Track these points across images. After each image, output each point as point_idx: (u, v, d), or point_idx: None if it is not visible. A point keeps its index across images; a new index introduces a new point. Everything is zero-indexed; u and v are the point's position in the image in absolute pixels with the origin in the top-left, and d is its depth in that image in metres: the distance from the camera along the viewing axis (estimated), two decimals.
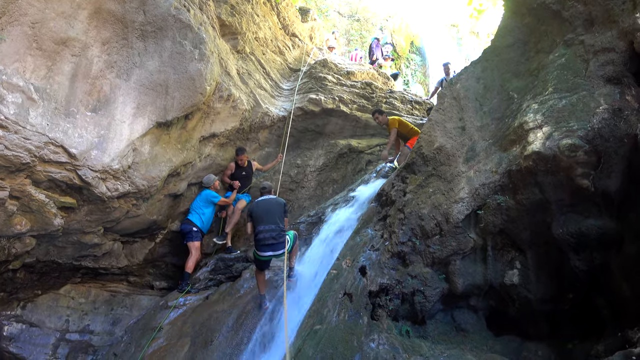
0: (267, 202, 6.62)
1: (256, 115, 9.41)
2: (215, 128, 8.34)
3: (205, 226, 8.39)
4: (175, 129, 7.29)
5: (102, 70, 6.20)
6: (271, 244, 6.23)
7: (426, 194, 5.74)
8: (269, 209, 6.49)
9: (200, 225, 8.22)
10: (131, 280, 8.87)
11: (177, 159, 7.36)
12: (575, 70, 5.01)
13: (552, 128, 4.68)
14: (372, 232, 6.25)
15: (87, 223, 6.85)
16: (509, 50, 6.18)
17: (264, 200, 6.65)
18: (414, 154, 6.30)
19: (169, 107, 6.83)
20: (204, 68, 7.06)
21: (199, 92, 7.08)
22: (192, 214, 8.31)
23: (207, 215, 8.42)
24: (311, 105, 10.31)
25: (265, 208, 6.51)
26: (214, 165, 8.99)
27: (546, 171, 4.65)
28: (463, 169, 5.61)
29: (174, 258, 8.97)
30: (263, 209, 6.50)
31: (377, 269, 5.52)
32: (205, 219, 8.37)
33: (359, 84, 11.58)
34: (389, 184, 6.75)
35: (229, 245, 8.52)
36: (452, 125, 6.07)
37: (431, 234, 5.45)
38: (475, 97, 6.12)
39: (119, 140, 6.30)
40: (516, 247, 5.21)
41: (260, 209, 6.50)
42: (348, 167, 10.46)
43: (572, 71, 5.02)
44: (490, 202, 5.20)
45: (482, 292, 5.38)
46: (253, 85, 9.60)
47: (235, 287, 7.14)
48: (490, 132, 5.71)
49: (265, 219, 6.37)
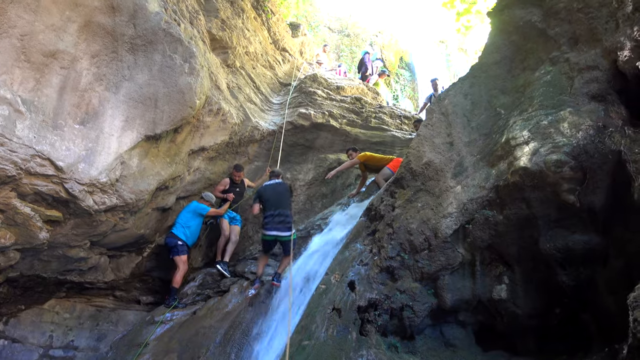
0: (277, 186, 7.11)
1: (246, 129, 9.42)
2: (205, 142, 8.33)
3: (190, 239, 8.22)
4: (164, 142, 7.27)
5: (91, 83, 6.19)
6: (278, 227, 6.71)
7: (415, 209, 5.77)
8: (279, 194, 6.99)
9: (185, 239, 8.05)
10: (117, 295, 8.76)
11: (166, 173, 7.33)
12: (561, 87, 5.10)
13: (539, 144, 4.74)
14: (361, 247, 6.25)
15: (73, 237, 6.78)
16: (496, 67, 6.27)
17: (274, 185, 7.13)
18: (402, 169, 6.34)
19: (158, 120, 6.82)
20: (193, 82, 7.08)
21: (189, 106, 7.09)
22: (176, 227, 8.15)
23: (193, 229, 8.24)
24: (301, 119, 10.36)
25: (275, 193, 7.00)
26: (202, 179, 8.97)
27: (533, 186, 4.71)
28: (451, 184, 5.65)
29: (161, 272, 8.89)
30: (273, 193, 6.99)
31: (366, 283, 5.51)
32: (191, 232, 8.19)
33: (348, 99, 11.67)
34: (378, 199, 6.77)
35: (218, 259, 8.46)
36: (441, 140, 6.13)
37: (420, 248, 5.47)
38: (463, 113, 6.18)
39: (107, 154, 6.26)
40: (504, 262, 5.24)
41: (269, 194, 6.99)
42: (337, 181, 10.48)
43: (558, 88, 5.11)
44: (478, 217, 5.24)
45: (471, 307, 5.39)
46: (243, 99, 9.64)
47: (224, 302, 7.09)
48: (478, 148, 5.77)
49: (275, 204, 6.86)
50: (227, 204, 8.77)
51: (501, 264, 5.27)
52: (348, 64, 18.90)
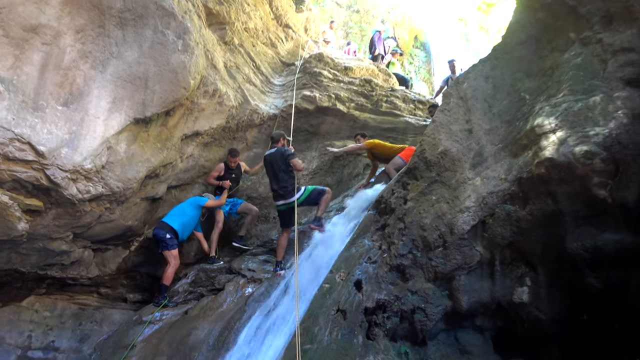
0: (272, 157, 7.66)
1: (244, 113, 9.41)
2: (199, 126, 8.32)
3: (184, 231, 8.17)
4: (155, 126, 7.26)
5: (75, 61, 6.17)
6: (282, 196, 7.42)
7: (429, 202, 5.75)
8: (273, 165, 7.57)
9: (178, 228, 7.98)
10: (102, 292, 8.81)
11: (156, 159, 7.33)
12: (592, 70, 5.05)
13: (567, 133, 4.71)
14: (369, 243, 6.25)
15: (55, 228, 6.80)
16: (521, 47, 6.21)
17: (270, 155, 7.71)
18: (416, 158, 6.33)
19: (149, 102, 6.80)
20: (187, 60, 7.05)
21: (182, 87, 7.07)
22: (169, 216, 8.13)
23: (188, 219, 8.20)
24: (305, 102, 10.33)
25: (270, 165, 7.63)
26: (196, 167, 8.98)
27: (560, 180, 4.68)
28: (469, 176, 5.63)
29: (150, 268, 8.93)
30: (268, 165, 7.68)
31: (374, 283, 5.51)
32: (186, 221, 8.16)
33: (357, 81, 11.62)
34: (388, 191, 6.76)
35: (212, 254, 8.48)
36: (458, 127, 6.10)
37: (434, 245, 5.46)
38: (483, 98, 6.14)
39: (92, 138, 6.26)
40: (526, 262, 5.23)
41: (267, 165, 7.74)
42: (344, 171, 10.47)
43: (589, 72, 5.06)
44: (498, 212, 5.22)
45: (489, 311, 5.39)
46: (241, 79, 9.61)
47: (218, 301, 7.11)
48: (500, 136, 5.73)
49: (272, 176, 7.62)
50: (225, 193, 8.78)
51: (523, 264, 5.25)
52: (357, 43, 18.80)
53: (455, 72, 13.35)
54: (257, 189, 10.14)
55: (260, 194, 10.11)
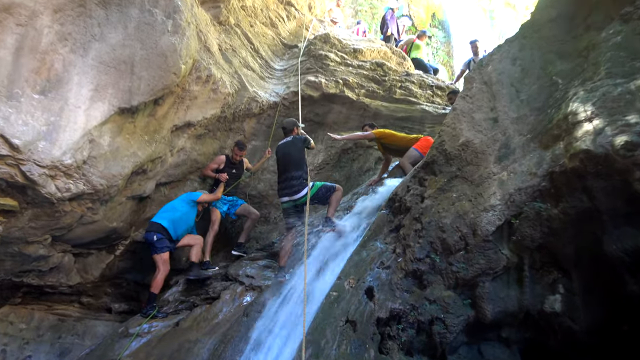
0: (285, 147, 7.86)
1: (241, 101, 9.42)
2: (191, 116, 8.34)
3: (176, 228, 8.15)
4: (142, 116, 7.28)
5: (53, 44, 6.19)
6: (287, 192, 7.45)
7: (449, 200, 5.74)
8: (286, 156, 7.72)
9: (167, 225, 7.98)
10: (84, 302, 8.86)
11: (144, 153, 7.36)
12: (635, 50, 5.01)
13: (605, 121, 4.68)
14: (381, 246, 6.25)
15: (32, 230, 6.84)
16: (552, 25, 6.18)
17: (283, 145, 7.91)
18: (434, 150, 6.31)
19: (135, 89, 6.82)
20: (178, 42, 7.07)
21: (172, 72, 7.09)
22: (157, 214, 8.16)
23: (179, 215, 8.21)
24: (309, 89, 10.33)
25: (283, 155, 7.78)
26: (188, 161, 9.00)
27: (596, 174, 4.65)
28: (495, 170, 5.61)
29: (137, 275, 8.97)
30: (281, 156, 7.82)
31: (388, 291, 5.51)
32: (177, 218, 8.16)
33: (367, 65, 11.61)
34: (403, 187, 6.75)
35: (206, 259, 8.52)
36: (482, 116, 6.08)
37: (454, 249, 5.45)
38: (510, 82, 6.12)
39: (72, 130, 6.29)
40: (559, 267, 5.21)
41: (279, 156, 7.86)
42: (353, 165, 10.48)
43: (630, 52, 5.03)
44: (527, 210, 5.20)
45: (517, 322, 5.37)
46: (238, 64, 9.62)
47: (213, 311, 7.14)
48: (529, 125, 5.71)
49: (283, 168, 7.69)
50: (222, 187, 8.80)
51: (555, 270, 5.23)
52: (367, 22, 18.77)
53: (477, 54, 13.33)
54: (257, 186, 10.18)
55: (260, 192, 10.15)
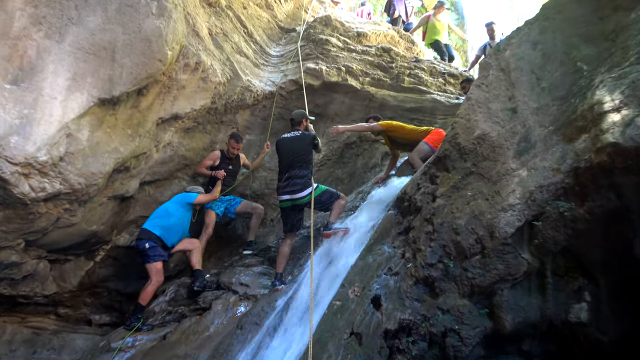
0: (291, 142, 7.81)
1: (234, 91, 9.42)
2: (179, 107, 8.34)
3: (170, 235, 8.13)
4: (125, 108, 7.29)
5: (26, 28, 6.20)
6: (289, 190, 7.44)
7: (463, 199, 5.75)
8: (293, 151, 7.67)
9: (159, 233, 7.96)
10: (61, 313, 8.86)
11: (127, 149, 7.36)
12: None
13: (635, 111, 4.68)
14: (389, 250, 6.26)
15: (2, 234, 6.84)
16: (576, 6, 6.18)
17: (289, 140, 7.86)
18: (446, 144, 6.31)
19: (116, 78, 6.83)
20: (164, 26, 7.07)
21: (157, 59, 7.09)
22: (149, 221, 8.14)
23: (174, 220, 8.20)
24: (309, 77, 10.33)
25: (289, 150, 7.72)
26: (176, 158, 9.00)
27: (626, 169, 4.66)
28: (513, 166, 5.61)
29: (119, 283, 8.97)
30: (286, 151, 7.76)
31: (396, 300, 5.52)
32: (171, 224, 8.15)
33: (373, 50, 11.61)
34: (412, 185, 6.76)
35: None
36: (499, 106, 6.08)
37: (470, 253, 5.45)
38: (530, 69, 6.12)
39: (47, 123, 6.29)
40: (585, 272, 5.21)
41: (282, 151, 7.82)
42: (358, 161, 10.49)
43: None
44: (550, 210, 5.20)
45: (539, 333, 5.37)
46: (230, 50, 9.62)
47: (203, 323, 7.14)
48: (551, 116, 5.71)
49: (287, 164, 7.65)
50: (219, 185, 8.79)
51: (581, 275, 5.23)
52: (373, 3, 18.77)
53: (494, 38, 13.31)
54: (251, 185, 10.17)
55: (255, 191, 10.16)
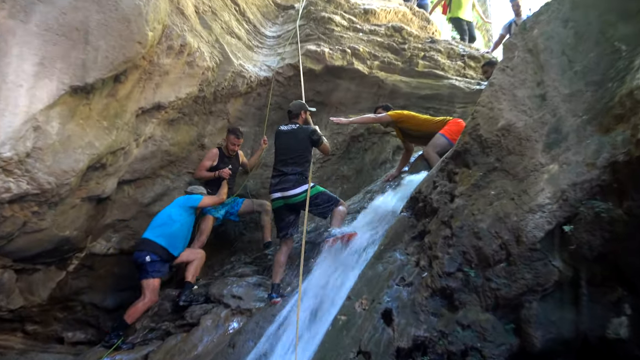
0: (287, 136, 7.89)
1: (224, 77, 9.40)
2: (162, 96, 8.33)
3: (175, 243, 8.15)
4: (100, 97, 7.27)
5: None
6: (280, 187, 7.49)
7: (486, 199, 5.73)
8: (287, 147, 7.76)
9: (163, 243, 7.97)
10: (29, 330, 8.86)
11: (102, 143, 7.35)
12: None
13: None
14: (401, 257, 6.24)
15: None
16: None
17: (285, 133, 7.95)
18: (466, 137, 6.28)
19: (90, 63, 6.81)
20: (144, 4, 7.05)
21: (136, 41, 7.07)
22: (150, 229, 8.16)
23: (178, 227, 8.21)
24: (309, 61, 10.33)
25: (283, 144, 7.84)
26: (158, 153, 8.99)
27: None
28: (542, 160, 5.59)
29: (95, 296, 8.96)
30: (279, 144, 7.90)
31: (410, 314, 5.51)
32: (175, 231, 8.16)
33: (382, 29, 11.59)
34: (428, 184, 6.74)
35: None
36: (526, 92, 6.05)
37: (493, 260, 5.43)
38: (561, 50, 6.09)
39: (12, 114, 6.28)
40: (624, 282, 5.18)
41: (278, 144, 7.95)
42: (366, 156, 10.48)
43: None
44: (584, 211, 5.17)
45: (573, 351, 5.36)
46: (220, 30, 9.60)
47: (191, 341, 7.13)
48: (585, 104, 5.69)
49: (283, 159, 7.72)
50: (225, 186, 8.78)
51: (620, 285, 5.21)
52: None
53: (520, 15, 13.26)
54: (245, 184, 10.16)
55: (250, 191, 10.15)
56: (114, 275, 8.02)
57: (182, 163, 9.64)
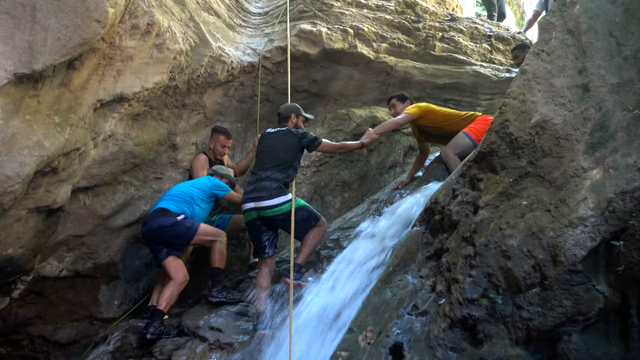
0: (272, 139, 8.07)
1: (200, 62, 9.41)
2: (124, 85, 8.32)
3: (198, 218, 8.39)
4: (50, 87, 7.28)
5: None
6: (254, 196, 7.52)
7: (516, 211, 5.74)
8: (271, 150, 7.91)
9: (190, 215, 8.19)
10: None
11: (54, 143, 7.35)
12: None
13: None
14: (414, 281, 6.26)
15: None
16: None
17: (270, 136, 8.16)
18: (493, 135, 6.30)
19: (39, 46, 6.82)
20: None
21: (94, 18, 7.07)
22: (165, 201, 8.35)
23: (198, 212, 8.43)
24: (303, 43, 10.33)
25: (266, 147, 8.01)
26: (121, 155, 8.98)
27: None
28: (585, 164, 5.61)
29: (46, 327, 8.96)
30: (262, 148, 8.06)
31: (425, 349, 5.52)
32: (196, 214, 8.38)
33: (392, 5, 11.63)
34: (446, 192, 6.75)
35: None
36: (565, 81, 6.08)
37: (525, 284, 5.45)
38: (608, 31, 6.12)
39: None
40: None
41: (260, 147, 8.13)
42: (371, 158, 10.51)
43: None
44: (635, 225, 5.19)
45: None
46: (195, 6, 9.61)
47: None
48: (636, 96, 5.71)
49: (259, 164, 7.89)
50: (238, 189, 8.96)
51: None
52: None
53: None
54: None
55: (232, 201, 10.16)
56: (67, 302, 8.01)
57: (149, 167, 9.64)
